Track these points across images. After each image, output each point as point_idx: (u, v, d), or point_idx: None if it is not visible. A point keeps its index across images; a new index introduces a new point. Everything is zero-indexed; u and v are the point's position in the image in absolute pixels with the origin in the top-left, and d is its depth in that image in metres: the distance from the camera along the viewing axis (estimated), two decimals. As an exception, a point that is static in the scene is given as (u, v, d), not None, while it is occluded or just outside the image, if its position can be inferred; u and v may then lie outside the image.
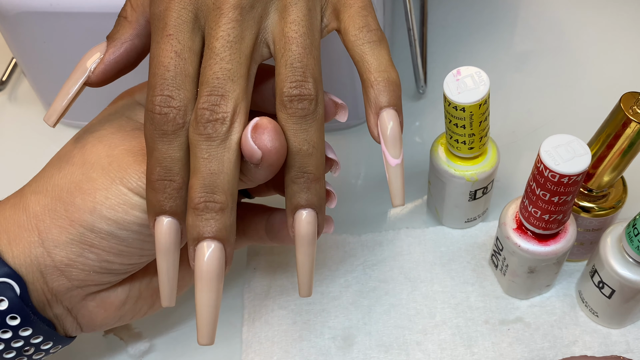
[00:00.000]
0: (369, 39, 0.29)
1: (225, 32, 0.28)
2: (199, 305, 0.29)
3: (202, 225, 0.28)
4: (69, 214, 0.31)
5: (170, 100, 0.28)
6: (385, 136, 0.29)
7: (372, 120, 0.30)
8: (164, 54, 0.28)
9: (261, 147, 0.28)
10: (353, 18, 0.30)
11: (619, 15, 0.56)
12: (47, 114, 0.32)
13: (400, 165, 0.29)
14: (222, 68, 0.28)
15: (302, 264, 0.30)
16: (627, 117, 0.33)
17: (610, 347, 0.39)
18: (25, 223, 0.32)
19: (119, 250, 0.32)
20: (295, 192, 0.30)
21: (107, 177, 0.31)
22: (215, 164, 0.28)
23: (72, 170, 0.32)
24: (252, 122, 0.28)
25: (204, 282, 0.28)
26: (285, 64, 0.29)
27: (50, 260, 0.31)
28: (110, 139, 0.32)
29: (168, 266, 0.29)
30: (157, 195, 0.29)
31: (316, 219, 0.30)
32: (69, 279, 0.32)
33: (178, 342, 0.42)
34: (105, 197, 0.31)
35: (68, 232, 0.31)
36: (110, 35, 0.32)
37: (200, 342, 0.29)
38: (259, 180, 0.30)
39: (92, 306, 0.34)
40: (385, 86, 0.29)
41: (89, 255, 0.32)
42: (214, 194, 0.28)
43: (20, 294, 0.31)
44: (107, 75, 0.32)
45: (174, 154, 0.28)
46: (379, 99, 0.29)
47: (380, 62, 0.29)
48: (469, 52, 0.55)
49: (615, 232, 0.37)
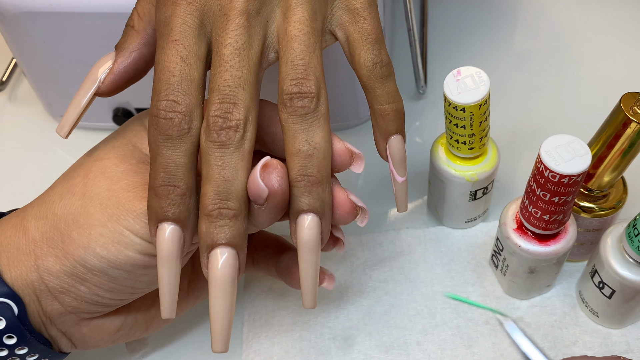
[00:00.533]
0: (381, 75, 0.30)
1: (234, 39, 0.28)
2: (214, 313, 0.28)
3: (216, 232, 0.28)
4: (64, 245, 0.31)
5: (176, 105, 0.28)
6: (394, 159, 0.32)
7: (382, 145, 0.32)
8: (170, 59, 0.28)
9: (268, 186, 0.28)
10: (368, 52, 0.30)
11: (619, 15, 0.56)
12: (59, 125, 0.32)
13: (406, 181, 0.33)
14: (233, 75, 0.28)
15: (305, 273, 0.30)
16: (627, 118, 0.33)
17: (610, 348, 0.39)
18: (24, 246, 0.31)
19: (110, 287, 0.32)
20: (296, 196, 0.29)
21: (105, 213, 0.31)
22: (229, 171, 0.28)
23: (72, 200, 0.31)
24: (261, 161, 0.28)
25: (219, 289, 0.28)
26: (286, 62, 0.29)
27: (44, 286, 0.31)
28: (113, 171, 0.32)
29: (170, 276, 0.29)
30: (160, 201, 0.28)
31: (319, 225, 0.29)
32: (62, 304, 0.32)
33: (178, 342, 0.42)
34: (100, 234, 0.30)
35: (62, 262, 0.31)
36: (118, 44, 0.32)
37: (215, 350, 0.29)
38: (261, 223, 0.30)
39: (86, 331, 0.34)
40: (394, 116, 0.31)
41: (80, 288, 0.31)
42: (227, 201, 0.28)
43: (18, 314, 0.31)
44: (117, 84, 0.32)
45: (178, 159, 0.28)
46: (389, 127, 0.32)
47: (390, 95, 0.31)
48: (469, 52, 0.55)
49: (615, 232, 0.37)
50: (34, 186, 0.49)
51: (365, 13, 0.30)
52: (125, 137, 0.33)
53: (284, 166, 0.29)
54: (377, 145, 0.33)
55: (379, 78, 0.30)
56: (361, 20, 0.30)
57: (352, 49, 0.30)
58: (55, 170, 0.50)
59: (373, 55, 0.30)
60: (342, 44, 0.31)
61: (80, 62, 0.45)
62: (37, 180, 0.50)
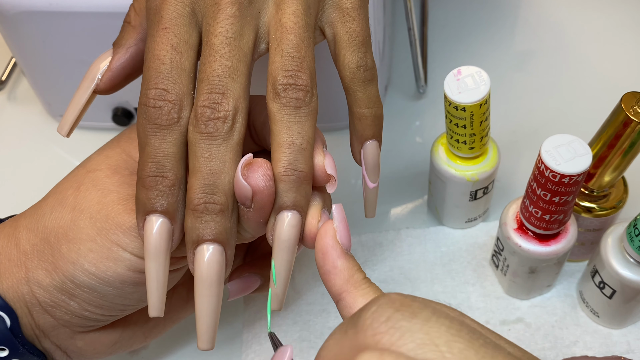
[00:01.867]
0: (364, 78, 0.30)
1: (224, 28, 0.28)
2: (199, 310, 0.28)
3: (202, 227, 0.27)
4: (54, 259, 0.30)
5: (166, 93, 0.27)
6: (368, 164, 0.32)
7: (357, 148, 0.32)
8: (160, 47, 0.27)
9: (253, 186, 0.27)
10: (353, 54, 0.30)
11: (619, 15, 0.56)
12: (60, 124, 0.32)
13: (377, 187, 0.33)
14: (222, 65, 0.27)
15: (279, 272, 0.28)
16: (628, 117, 0.33)
17: (611, 348, 0.39)
18: (15, 258, 0.31)
19: (99, 303, 0.31)
20: (282, 190, 0.28)
21: (94, 227, 0.30)
22: (216, 163, 0.27)
23: (62, 213, 0.31)
24: (243, 159, 0.27)
25: (205, 286, 0.27)
26: (281, 52, 0.28)
27: (35, 299, 0.31)
28: (105, 183, 0.31)
29: (158, 271, 0.28)
30: (148, 192, 0.27)
31: (300, 223, 0.28)
32: (54, 317, 0.31)
33: (178, 342, 0.41)
34: (89, 249, 0.30)
35: (52, 277, 0.30)
36: (115, 41, 0.31)
37: (201, 347, 0.28)
38: (252, 229, 0.29)
39: (81, 344, 0.33)
40: (372, 121, 0.31)
41: (70, 303, 0.31)
42: (214, 195, 0.27)
43: (11, 326, 0.30)
44: (115, 81, 0.31)
45: (167, 149, 0.27)
46: (365, 131, 0.31)
47: (370, 99, 0.31)
48: (469, 51, 0.55)
49: (616, 232, 0.37)
50: (33, 186, 0.49)
51: (355, 14, 0.30)
52: (120, 146, 0.32)
53: (269, 164, 0.28)
54: (352, 149, 0.32)
55: (361, 81, 0.30)
56: (350, 21, 0.30)
57: (338, 48, 0.30)
58: (54, 170, 0.50)
59: (358, 57, 0.30)
60: (329, 42, 0.31)
61: (80, 61, 0.45)
62: (36, 179, 0.50)
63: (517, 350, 0.21)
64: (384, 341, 0.19)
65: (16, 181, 0.50)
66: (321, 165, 0.29)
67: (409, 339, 0.19)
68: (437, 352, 0.18)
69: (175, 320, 0.37)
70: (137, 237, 0.29)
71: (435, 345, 0.19)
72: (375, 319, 0.19)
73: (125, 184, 0.31)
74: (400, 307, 0.20)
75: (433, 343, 0.19)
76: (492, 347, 0.19)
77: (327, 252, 0.27)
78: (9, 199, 0.49)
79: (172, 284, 0.34)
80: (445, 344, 0.19)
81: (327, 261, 0.27)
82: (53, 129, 0.52)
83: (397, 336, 0.19)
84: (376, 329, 0.19)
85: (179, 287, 0.37)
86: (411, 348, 0.19)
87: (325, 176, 0.29)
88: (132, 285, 0.30)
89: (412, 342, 0.19)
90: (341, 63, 0.30)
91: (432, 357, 0.18)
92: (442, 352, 0.18)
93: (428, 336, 0.19)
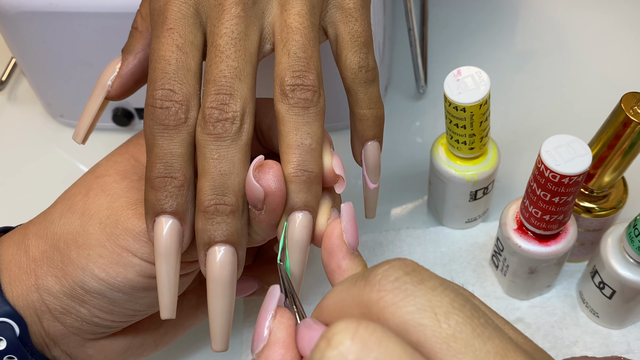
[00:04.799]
0: (365, 79, 0.30)
1: (229, 29, 0.27)
2: (212, 311, 0.27)
3: (213, 229, 0.27)
4: (64, 265, 0.30)
5: (172, 94, 0.27)
6: (368, 165, 0.32)
7: (357, 149, 0.32)
8: (165, 47, 0.27)
9: (265, 187, 0.27)
10: (355, 54, 0.30)
11: (619, 15, 0.56)
12: (75, 132, 0.32)
13: (377, 188, 0.33)
14: (229, 66, 0.27)
15: (293, 272, 0.29)
16: (627, 118, 0.33)
17: (610, 348, 0.39)
18: (25, 265, 0.31)
19: (110, 309, 0.31)
20: (292, 191, 0.28)
21: (103, 232, 0.30)
22: (225, 164, 0.27)
23: (71, 219, 0.31)
24: (255, 161, 0.27)
25: (217, 287, 0.27)
26: (287, 53, 0.28)
27: (45, 306, 0.30)
28: (113, 188, 0.31)
29: (169, 272, 0.27)
30: (157, 193, 0.27)
31: (312, 224, 0.28)
32: (64, 325, 0.31)
33: (178, 341, 0.41)
34: (99, 254, 0.29)
35: (61, 283, 0.30)
36: (124, 48, 0.31)
37: (215, 349, 0.28)
38: (263, 232, 0.29)
39: (92, 352, 0.33)
40: (373, 122, 0.31)
41: (80, 309, 0.31)
42: (224, 196, 0.27)
43: (20, 334, 0.30)
44: (125, 87, 0.31)
45: (175, 149, 0.27)
46: (366, 132, 0.31)
47: (371, 100, 0.31)
48: (469, 52, 0.55)
49: (615, 232, 0.37)
50: (33, 186, 0.49)
51: (357, 14, 0.30)
52: (128, 151, 0.32)
53: (280, 165, 0.28)
54: (353, 150, 0.32)
55: (363, 82, 0.30)
56: (352, 21, 0.30)
57: (340, 49, 0.30)
58: (54, 170, 0.50)
59: (359, 58, 0.30)
60: (331, 42, 0.31)
61: (80, 61, 0.45)
62: (36, 180, 0.50)
63: (520, 338, 0.21)
64: (387, 299, 0.19)
65: (16, 181, 0.50)
66: (329, 166, 0.29)
67: (410, 302, 0.19)
68: (434, 320, 0.19)
69: (186, 327, 0.37)
70: (147, 242, 0.29)
71: (434, 314, 0.19)
72: (385, 277, 0.20)
73: (134, 189, 0.31)
74: (410, 272, 0.20)
75: (433, 311, 0.19)
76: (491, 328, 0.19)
77: (333, 251, 0.27)
78: (9, 199, 0.49)
79: (182, 289, 0.33)
80: (444, 314, 0.19)
81: (332, 261, 0.27)
82: (53, 129, 0.52)
83: (400, 297, 0.19)
84: (383, 286, 0.20)
85: (189, 294, 0.37)
86: (410, 311, 0.19)
87: (334, 176, 0.29)
88: (142, 290, 0.30)
89: (412, 306, 0.19)
90: (343, 63, 0.30)
91: (428, 324, 0.19)
92: (439, 321, 0.19)
93: (429, 303, 0.19)
